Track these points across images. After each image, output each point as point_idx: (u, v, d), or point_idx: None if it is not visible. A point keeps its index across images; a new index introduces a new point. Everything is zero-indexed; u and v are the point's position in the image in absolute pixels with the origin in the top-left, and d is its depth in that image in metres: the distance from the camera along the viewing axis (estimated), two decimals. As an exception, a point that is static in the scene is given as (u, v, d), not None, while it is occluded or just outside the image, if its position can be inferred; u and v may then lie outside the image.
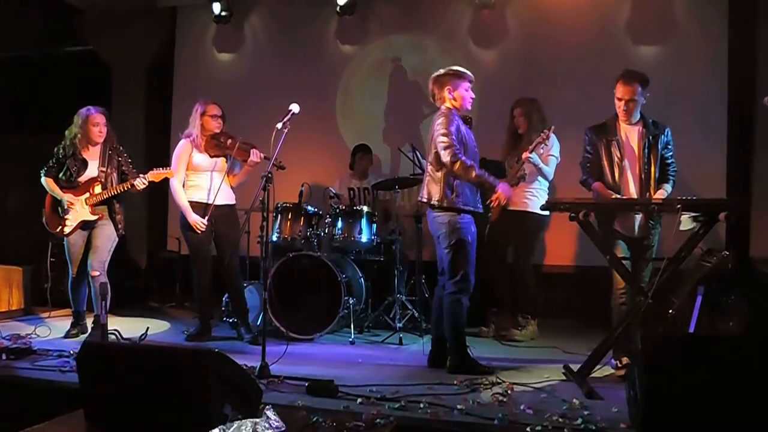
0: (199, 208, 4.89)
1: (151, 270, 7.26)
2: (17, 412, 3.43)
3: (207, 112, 4.92)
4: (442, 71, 4.20)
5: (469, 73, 4.19)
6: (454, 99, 4.13)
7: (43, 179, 4.95)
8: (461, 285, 4.04)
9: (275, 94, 6.46)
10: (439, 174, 4.07)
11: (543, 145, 4.66)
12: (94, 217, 4.88)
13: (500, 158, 5.33)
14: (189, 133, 4.95)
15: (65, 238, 4.94)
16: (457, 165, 3.95)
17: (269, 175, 4.06)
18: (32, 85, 7.83)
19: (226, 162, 4.95)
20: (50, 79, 7.72)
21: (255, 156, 4.86)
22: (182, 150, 4.94)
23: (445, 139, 3.98)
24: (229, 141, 4.88)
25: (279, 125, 4.15)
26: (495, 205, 4.24)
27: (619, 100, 4.08)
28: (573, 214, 3.69)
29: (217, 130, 4.93)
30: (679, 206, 3.60)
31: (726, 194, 5.62)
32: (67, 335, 5.01)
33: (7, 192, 7.73)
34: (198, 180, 4.94)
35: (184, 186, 4.94)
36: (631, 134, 4.14)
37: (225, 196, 5.01)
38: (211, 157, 4.92)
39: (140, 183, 4.80)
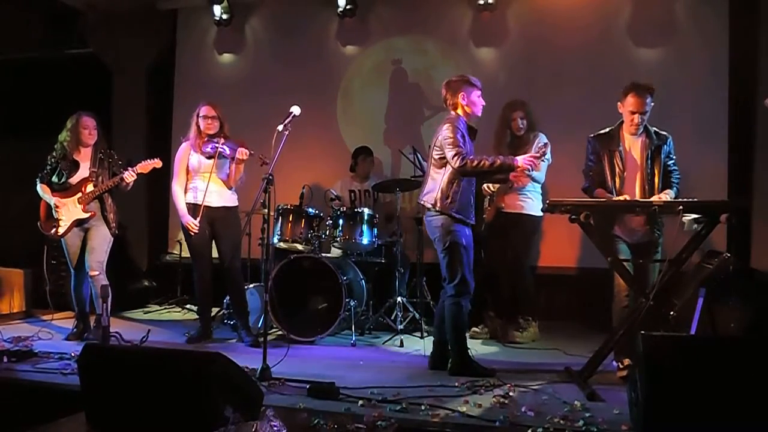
0: (193, 209, 4.91)
1: (152, 272, 7.27)
2: (18, 415, 3.43)
3: (201, 114, 4.95)
4: (454, 77, 4.22)
5: (479, 82, 4.22)
6: (467, 105, 4.15)
7: (38, 186, 5.02)
8: (460, 288, 4.05)
9: (276, 96, 6.48)
10: (440, 178, 4.09)
11: (543, 160, 4.72)
12: (87, 215, 4.91)
13: None
14: (189, 136, 4.98)
15: (62, 239, 4.97)
16: (468, 165, 3.95)
17: (270, 177, 4.07)
18: (33, 89, 7.83)
19: (215, 162, 4.93)
20: (51, 82, 7.72)
21: (240, 153, 4.84)
22: (182, 153, 4.98)
23: (452, 146, 3.99)
24: (221, 141, 4.89)
25: (280, 127, 4.15)
26: (522, 178, 4.24)
27: (632, 113, 4.06)
28: (574, 216, 3.69)
29: (211, 132, 4.93)
30: (680, 208, 3.61)
31: (727, 196, 5.62)
32: (68, 337, 5.04)
33: (8, 195, 7.73)
34: (195, 182, 4.96)
35: (185, 189, 4.95)
36: (633, 145, 4.14)
37: (223, 198, 5.00)
38: (207, 158, 4.93)
39: (129, 176, 4.84)
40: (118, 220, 5.07)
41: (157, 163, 4.91)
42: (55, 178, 4.98)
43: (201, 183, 4.93)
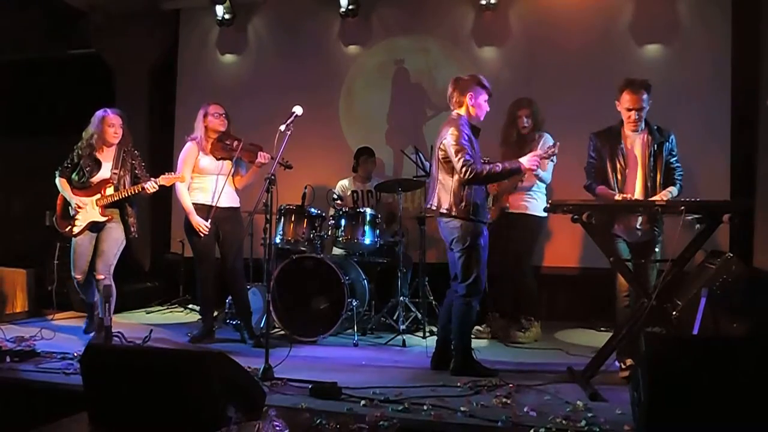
0: (203, 210, 4.90)
1: (155, 272, 7.27)
2: (21, 415, 3.44)
3: (210, 112, 4.93)
4: (466, 76, 4.15)
5: (490, 86, 4.16)
6: (473, 107, 4.08)
7: (57, 179, 4.97)
8: (473, 288, 4.03)
9: (278, 96, 6.48)
10: (450, 182, 4.02)
11: (549, 161, 4.76)
12: (104, 219, 4.87)
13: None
14: (195, 135, 4.96)
15: (73, 239, 4.95)
16: (478, 176, 3.91)
17: (272, 177, 4.07)
18: (36, 89, 7.84)
19: (232, 164, 4.95)
20: (54, 83, 7.74)
21: (262, 157, 4.87)
22: (188, 153, 4.95)
23: (460, 153, 3.91)
24: (235, 143, 4.89)
25: (282, 127, 4.15)
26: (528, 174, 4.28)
27: (629, 110, 4.05)
28: (576, 216, 3.69)
29: (222, 128, 4.93)
30: (682, 208, 3.60)
31: (730, 196, 5.61)
32: (87, 330, 5.14)
33: (11, 195, 7.75)
34: (203, 183, 4.94)
35: (189, 188, 4.95)
36: (636, 142, 4.13)
37: (229, 199, 5.01)
38: (217, 159, 4.93)
39: (151, 186, 4.79)
40: (138, 224, 5.05)
41: (180, 178, 4.83)
42: (75, 176, 4.91)
43: (209, 183, 4.92)
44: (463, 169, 3.90)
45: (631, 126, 4.10)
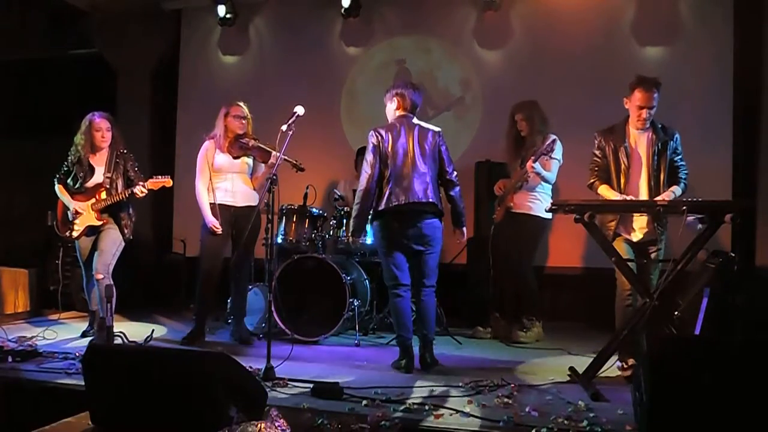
0: (222, 209, 4.87)
1: (157, 272, 7.27)
2: (23, 415, 3.44)
3: (230, 113, 4.93)
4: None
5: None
6: None
7: (55, 186, 5.03)
8: None
9: (280, 97, 6.47)
10: (437, 182, 4.29)
11: (547, 157, 4.76)
12: (99, 223, 4.93)
13: (506, 161, 5.36)
14: (213, 134, 4.96)
15: (76, 241, 5.00)
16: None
17: (274, 177, 4.07)
18: (38, 89, 7.85)
19: (247, 162, 4.95)
20: (56, 83, 7.74)
21: (274, 158, 4.86)
22: (206, 151, 4.95)
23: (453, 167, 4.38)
24: (251, 142, 4.89)
25: (284, 127, 4.16)
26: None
27: (640, 108, 4.04)
28: (578, 216, 3.69)
29: (240, 131, 4.91)
30: (684, 208, 3.59)
31: (732, 196, 5.60)
32: (84, 334, 5.11)
33: (12, 195, 7.75)
34: (219, 182, 4.93)
35: (207, 188, 4.92)
36: (640, 140, 4.13)
37: (247, 198, 5.00)
38: (234, 158, 4.92)
39: (139, 191, 4.83)
40: (134, 225, 5.07)
41: (167, 182, 4.88)
42: (70, 181, 4.98)
43: (227, 183, 4.92)
44: (456, 179, 4.31)
45: (639, 124, 4.09)
